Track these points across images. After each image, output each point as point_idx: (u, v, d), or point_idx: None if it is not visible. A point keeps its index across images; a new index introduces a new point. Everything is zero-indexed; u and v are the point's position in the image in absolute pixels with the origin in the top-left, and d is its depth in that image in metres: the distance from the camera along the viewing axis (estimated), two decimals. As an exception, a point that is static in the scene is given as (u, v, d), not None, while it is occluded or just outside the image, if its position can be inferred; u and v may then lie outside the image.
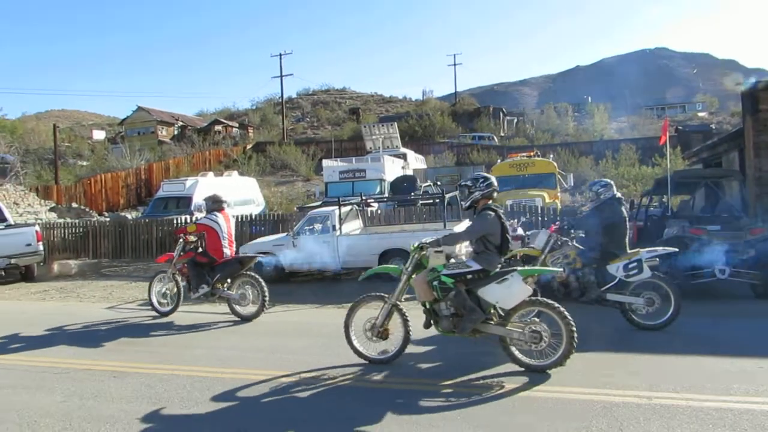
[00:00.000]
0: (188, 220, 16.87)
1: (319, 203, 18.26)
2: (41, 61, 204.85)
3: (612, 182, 7.93)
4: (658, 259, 7.30)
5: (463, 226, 10.26)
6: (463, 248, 9.16)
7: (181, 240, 9.51)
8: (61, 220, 20.84)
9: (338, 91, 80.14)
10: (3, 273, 14.54)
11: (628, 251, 7.40)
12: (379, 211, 15.61)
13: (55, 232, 18.35)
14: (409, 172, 22.88)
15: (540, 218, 13.84)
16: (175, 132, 62.84)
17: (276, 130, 56.92)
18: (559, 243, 7.77)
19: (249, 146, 48.98)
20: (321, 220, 12.56)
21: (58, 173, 37.88)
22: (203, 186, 20.09)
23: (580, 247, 7.68)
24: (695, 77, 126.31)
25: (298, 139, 52.99)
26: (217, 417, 4.99)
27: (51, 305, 11.18)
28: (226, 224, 9.40)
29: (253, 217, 17.05)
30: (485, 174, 6.33)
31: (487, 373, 5.76)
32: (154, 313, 9.55)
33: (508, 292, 5.60)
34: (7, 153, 47.11)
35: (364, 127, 31.31)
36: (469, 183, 6.10)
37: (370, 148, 28.28)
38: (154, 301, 9.50)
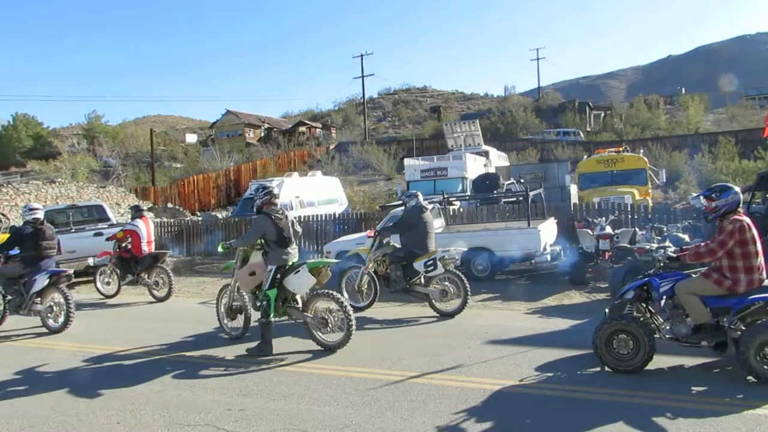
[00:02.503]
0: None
1: (401, 202, 18.31)
2: (139, 69, 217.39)
3: (418, 192, 9.41)
4: (456, 257, 9.23)
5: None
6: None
7: (115, 241, 11.98)
8: (158, 220, 21.99)
9: (419, 90, 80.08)
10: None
11: (430, 250, 8.86)
12: (461, 210, 15.49)
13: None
14: (492, 170, 22.55)
15: (630, 216, 13.26)
16: (262, 134, 64.88)
17: (358, 130, 57.64)
18: (383, 243, 9.23)
19: (332, 146, 49.86)
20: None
21: (155, 175, 40.04)
22: (289, 186, 20.65)
23: (397, 245, 9.13)
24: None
25: (380, 138, 53.41)
26: (296, 411, 5.12)
27: (149, 299, 11.80)
28: (146, 228, 11.97)
29: (337, 216, 17.34)
30: (265, 184, 7.59)
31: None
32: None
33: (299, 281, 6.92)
34: (109, 157, 50.39)
35: (446, 125, 31.13)
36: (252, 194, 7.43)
37: (452, 146, 28.08)
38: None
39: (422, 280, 8.80)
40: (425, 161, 22.20)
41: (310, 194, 21.29)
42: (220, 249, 7.72)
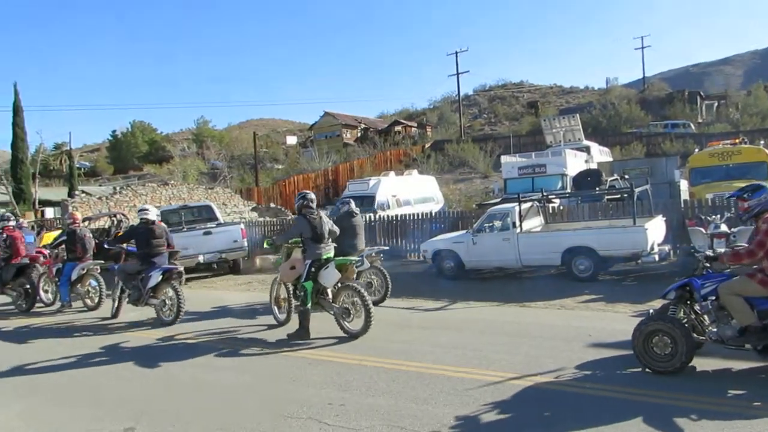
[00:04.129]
0: (372, 218, 17.65)
1: (498, 200, 18.06)
2: (243, 75, 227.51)
3: (350, 200, 10.28)
4: (381, 254, 10.39)
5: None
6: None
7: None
8: (261, 219, 22.93)
9: (515, 85, 78.49)
10: (215, 266, 16.33)
11: (359, 249, 9.76)
12: (561, 208, 15.05)
13: (257, 229, 20.19)
14: (593, 166, 21.76)
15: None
16: (359, 134, 66.00)
17: (453, 128, 57.36)
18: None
19: (427, 145, 49.91)
20: (501, 217, 12.41)
21: (258, 176, 41.77)
22: (385, 185, 20.89)
23: (334, 245, 9.14)
24: None
25: (476, 136, 52.88)
26: (395, 408, 5.17)
27: (254, 295, 12.34)
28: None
29: (433, 214, 17.35)
30: (304, 192, 8.57)
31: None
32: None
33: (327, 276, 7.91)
34: (216, 160, 53.10)
35: (544, 120, 30.40)
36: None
37: (551, 142, 27.42)
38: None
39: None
40: (523, 158, 21.79)
41: (406, 193, 21.43)
42: (265, 245, 9.14)
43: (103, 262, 12.02)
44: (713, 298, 5.67)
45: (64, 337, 9.11)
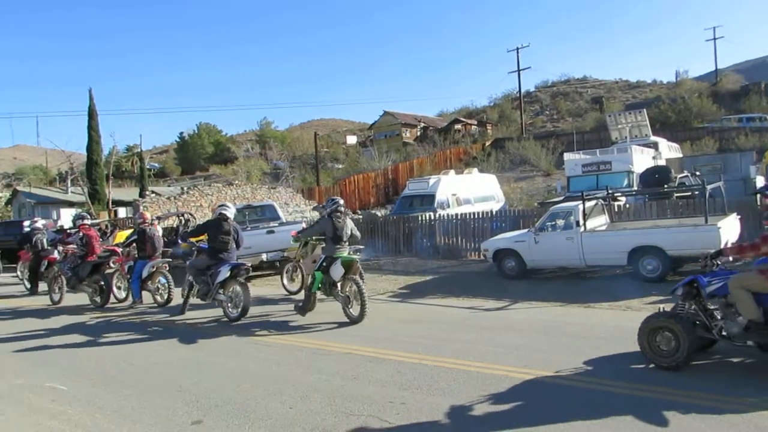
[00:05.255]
0: (432, 217, 17.60)
1: (561, 198, 17.71)
2: (304, 76, 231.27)
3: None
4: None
5: None
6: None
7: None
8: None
9: (578, 81, 76.56)
10: (278, 264, 16.65)
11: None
12: (627, 206, 14.61)
13: (318, 228, 20.49)
14: (662, 163, 21.02)
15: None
16: (418, 133, 65.99)
17: (514, 126, 56.55)
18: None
19: (488, 143, 49.39)
20: (564, 215, 12.15)
21: (319, 176, 42.37)
22: (445, 184, 20.81)
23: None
24: None
25: (538, 133, 51.95)
26: (456, 407, 5.14)
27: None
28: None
29: (494, 213, 17.17)
30: (334, 197, 9.87)
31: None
32: (400, 304, 10.17)
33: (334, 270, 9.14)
34: (278, 160, 54.20)
35: (609, 116, 29.59)
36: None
37: (616, 138, 26.68)
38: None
39: None
40: (587, 155, 21.27)
41: (466, 192, 21.30)
42: (292, 241, 11.19)
43: (171, 260, 12.47)
44: (721, 295, 5.75)
45: (136, 331, 9.51)
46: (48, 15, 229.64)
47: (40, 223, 16.02)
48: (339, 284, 9.25)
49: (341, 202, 9.84)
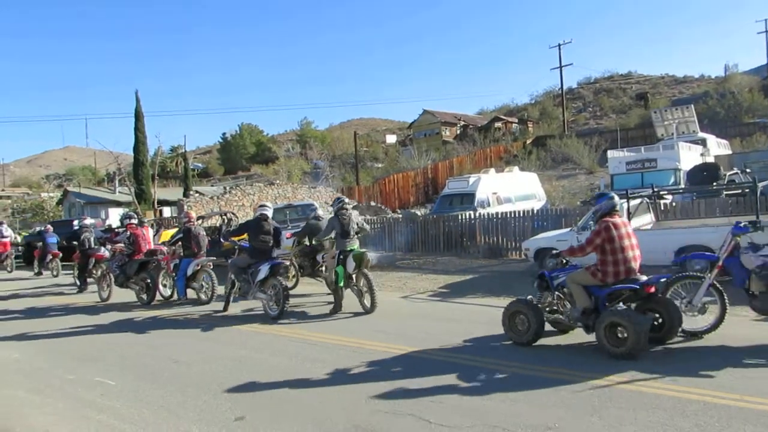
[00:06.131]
0: (472, 216, 17.49)
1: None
2: (344, 76, 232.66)
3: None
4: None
5: None
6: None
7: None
8: (362, 217, 23.29)
9: (622, 77, 74.89)
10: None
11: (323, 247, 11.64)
12: (674, 204, 14.25)
13: (357, 227, 20.56)
14: (710, 160, 20.46)
15: None
16: (458, 131, 65.64)
17: (556, 123, 55.71)
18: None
19: (529, 141, 48.80)
20: (607, 214, 11.89)
21: (359, 175, 42.55)
22: (485, 182, 20.65)
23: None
24: None
25: (580, 130, 51.08)
26: (495, 406, 5.09)
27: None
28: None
29: (535, 212, 16.96)
30: (339, 196, 10.74)
31: None
32: (440, 303, 10.12)
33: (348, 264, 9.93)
34: (318, 159, 54.64)
35: (654, 112, 28.92)
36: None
37: (662, 134, 26.08)
38: None
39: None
40: (631, 152, 20.86)
41: (507, 190, 21.10)
42: (313, 241, 11.89)
43: (215, 258, 12.71)
44: (564, 287, 7.11)
45: (181, 328, 9.72)
46: (95, 17, 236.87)
47: (88, 221, 16.53)
48: (353, 277, 9.98)
49: (345, 200, 10.97)
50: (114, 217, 32.79)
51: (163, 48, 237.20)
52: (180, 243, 12.31)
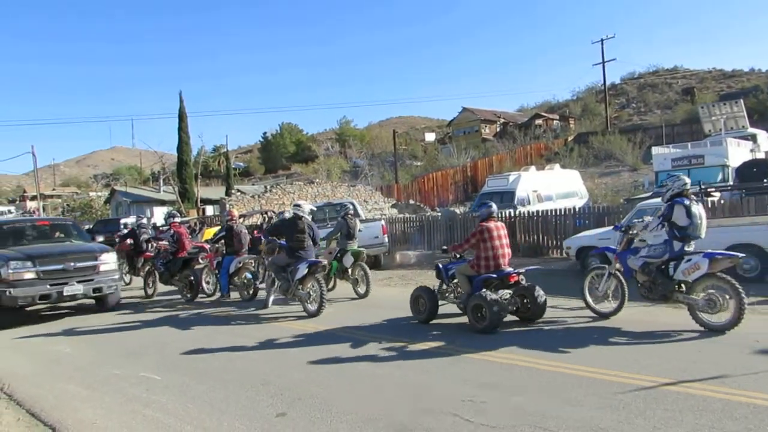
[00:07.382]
0: (512, 215, 17.31)
1: (648, 194, 16.97)
2: (383, 74, 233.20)
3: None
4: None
5: None
6: None
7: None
8: (401, 215, 23.34)
9: (668, 72, 72.90)
10: (357, 261, 16.88)
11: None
12: (722, 202, 13.83)
13: (397, 225, 20.61)
14: (761, 156, 19.77)
15: None
16: (497, 129, 65.02)
17: (598, 120, 54.63)
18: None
19: (570, 138, 48.04)
20: (652, 212, 11.62)
21: (398, 173, 42.54)
22: (525, 180, 20.41)
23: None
24: None
25: (623, 127, 49.97)
26: (537, 406, 5.03)
27: (396, 291, 12.61)
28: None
29: (577, 210, 16.68)
30: (344, 202, 13.68)
31: None
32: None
33: (346, 259, 12.07)
34: (358, 158, 54.85)
35: (702, 107, 28.09)
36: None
37: (709, 130, 25.32)
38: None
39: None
40: (677, 149, 20.33)
41: (547, 188, 20.81)
42: (323, 244, 12.23)
43: (257, 256, 12.89)
44: (455, 277, 8.84)
45: (223, 324, 9.90)
46: (141, 20, 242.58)
47: (144, 220, 16.90)
48: (350, 270, 12.00)
49: (352, 205, 13.84)
50: (159, 215, 33.56)
51: (206, 50, 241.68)
52: (223, 241, 12.52)
